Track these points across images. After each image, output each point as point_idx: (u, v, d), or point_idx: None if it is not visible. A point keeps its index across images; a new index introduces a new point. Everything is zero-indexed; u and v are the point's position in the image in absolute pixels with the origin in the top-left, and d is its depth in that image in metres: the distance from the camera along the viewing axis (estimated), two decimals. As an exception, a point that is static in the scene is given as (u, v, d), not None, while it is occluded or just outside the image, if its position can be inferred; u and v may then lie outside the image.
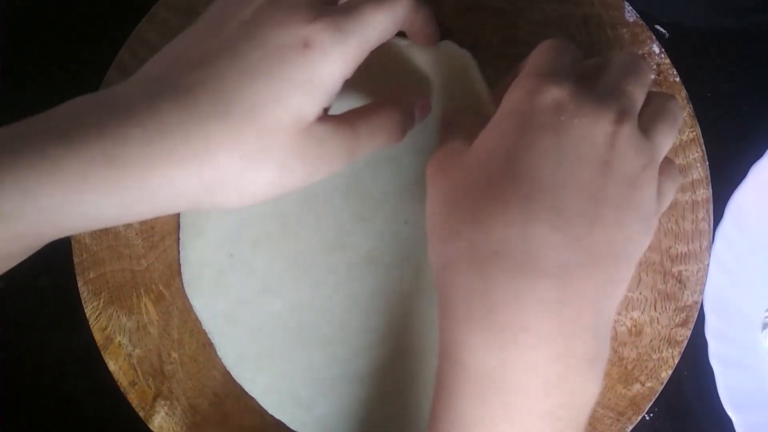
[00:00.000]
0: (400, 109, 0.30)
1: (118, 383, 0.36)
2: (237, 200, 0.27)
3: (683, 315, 0.36)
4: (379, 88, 0.35)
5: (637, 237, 0.26)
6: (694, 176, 0.36)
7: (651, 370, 0.36)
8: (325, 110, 0.28)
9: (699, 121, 0.37)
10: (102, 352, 0.36)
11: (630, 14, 0.37)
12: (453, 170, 0.28)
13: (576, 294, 0.25)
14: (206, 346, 0.37)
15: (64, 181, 0.24)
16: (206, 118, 0.25)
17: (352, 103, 0.32)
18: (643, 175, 0.26)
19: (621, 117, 0.26)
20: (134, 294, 0.36)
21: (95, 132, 0.25)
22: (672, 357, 0.36)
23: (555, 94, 0.26)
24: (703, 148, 0.36)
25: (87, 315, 0.36)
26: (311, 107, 0.26)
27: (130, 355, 0.36)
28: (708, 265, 0.37)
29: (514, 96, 0.27)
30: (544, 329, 0.24)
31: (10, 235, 0.25)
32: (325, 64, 0.26)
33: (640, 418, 0.36)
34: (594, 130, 0.25)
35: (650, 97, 0.29)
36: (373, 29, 0.27)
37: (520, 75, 0.28)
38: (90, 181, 0.25)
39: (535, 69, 0.28)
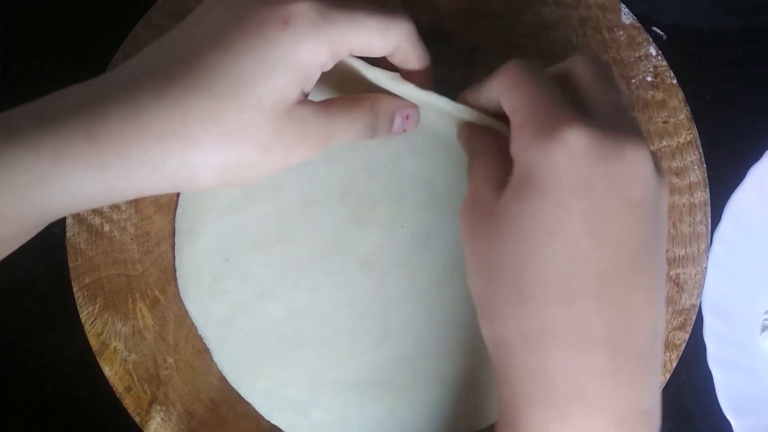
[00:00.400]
0: (378, 108, 0.30)
1: (114, 389, 0.36)
2: (219, 180, 0.27)
3: (681, 318, 0.36)
4: None
5: (662, 260, 0.26)
6: (692, 179, 0.36)
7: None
8: (305, 96, 0.28)
9: (697, 123, 0.36)
10: (97, 358, 0.36)
11: (627, 17, 0.37)
12: (486, 233, 0.26)
13: (626, 357, 0.24)
14: (202, 351, 0.37)
15: (42, 155, 0.24)
16: (186, 96, 0.25)
17: None
18: (661, 192, 0.25)
19: (639, 143, 0.24)
20: (129, 299, 0.36)
21: (74, 109, 0.25)
22: (670, 360, 0.36)
23: (571, 144, 0.24)
24: (701, 150, 0.36)
25: (82, 320, 0.36)
26: (293, 88, 0.26)
27: (126, 360, 0.36)
28: (706, 267, 0.36)
29: (526, 156, 0.25)
30: (600, 397, 0.24)
31: None
32: (303, 44, 0.26)
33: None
34: (623, 173, 0.24)
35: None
36: (358, 29, 0.27)
37: (515, 126, 0.26)
38: (67, 155, 0.24)
39: (528, 112, 0.25)
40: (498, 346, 0.26)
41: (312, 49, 0.26)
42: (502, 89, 0.27)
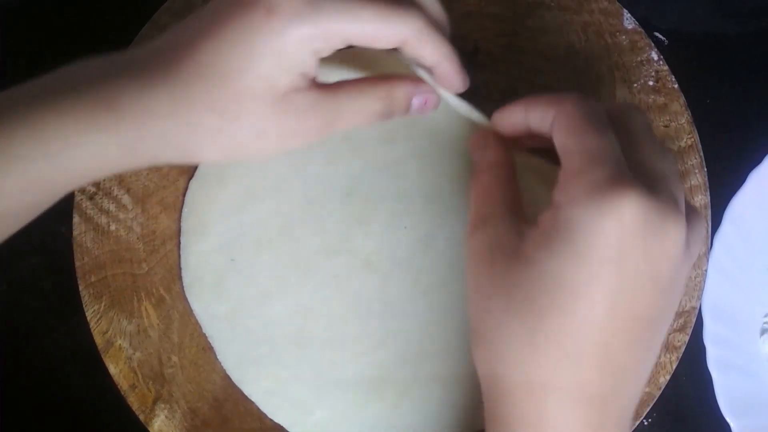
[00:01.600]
0: (394, 95, 0.30)
1: (119, 386, 0.36)
2: (220, 157, 0.28)
3: (681, 320, 0.36)
4: None
5: (666, 327, 0.27)
6: (693, 182, 0.37)
7: (649, 375, 0.36)
8: (310, 80, 0.28)
9: (698, 127, 0.37)
10: (102, 356, 0.36)
11: (629, 21, 0.37)
12: (503, 280, 0.26)
13: (611, 416, 0.26)
14: (206, 349, 0.37)
15: (71, 124, 0.27)
16: (187, 83, 0.27)
17: None
18: (686, 268, 0.26)
19: (678, 219, 0.24)
20: (135, 298, 0.37)
21: (99, 82, 0.27)
22: (670, 362, 0.36)
23: (623, 213, 0.23)
24: (701, 154, 0.37)
25: (88, 318, 0.36)
26: (284, 77, 0.27)
27: (131, 358, 0.36)
28: (706, 270, 0.37)
29: (572, 210, 0.24)
30: None
31: (23, 182, 0.27)
32: (287, 33, 0.26)
33: (638, 423, 0.37)
34: (657, 252, 0.24)
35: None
36: (349, 19, 0.26)
37: (567, 171, 0.25)
38: (93, 123, 0.27)
39: (585, 162, 0.25)
40: (496, 386, 0.27)
41: (296, 37, 0.26)
42: (560, 125, 0.26)
